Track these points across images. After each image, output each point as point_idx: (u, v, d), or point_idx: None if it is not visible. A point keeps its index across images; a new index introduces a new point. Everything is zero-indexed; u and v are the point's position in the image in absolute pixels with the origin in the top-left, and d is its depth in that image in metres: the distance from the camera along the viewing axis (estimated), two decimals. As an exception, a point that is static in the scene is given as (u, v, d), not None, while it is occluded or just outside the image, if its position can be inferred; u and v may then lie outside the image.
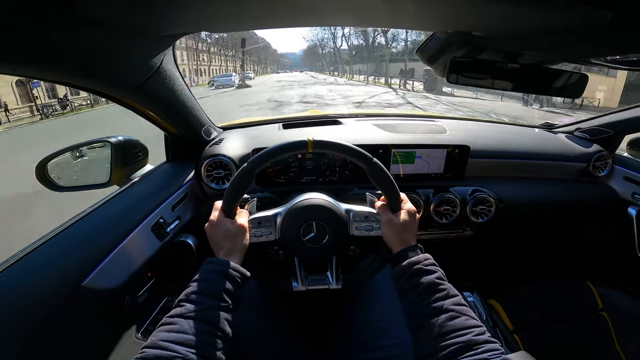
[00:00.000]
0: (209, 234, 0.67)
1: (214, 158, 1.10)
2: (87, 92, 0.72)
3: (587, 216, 1.49)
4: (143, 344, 0.49)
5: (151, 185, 1.00)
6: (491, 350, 0.50)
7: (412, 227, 0.70)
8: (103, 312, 0.71)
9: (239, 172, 0.68)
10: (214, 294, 0.56)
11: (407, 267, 0.63)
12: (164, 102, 0.89)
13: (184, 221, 1.00)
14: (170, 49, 0.79)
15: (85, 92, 0.72)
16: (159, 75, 0.79)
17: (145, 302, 0.83)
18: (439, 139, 1.26)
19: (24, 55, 0.49)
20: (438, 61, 0.89)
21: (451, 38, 0.76)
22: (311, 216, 0.74)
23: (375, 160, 0.70)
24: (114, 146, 1.00)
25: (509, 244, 1.61)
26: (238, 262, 0.63)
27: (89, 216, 0.79)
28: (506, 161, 1.31)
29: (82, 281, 0.65)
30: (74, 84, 0.66)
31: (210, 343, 0.52)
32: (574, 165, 1.38)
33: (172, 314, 0.53)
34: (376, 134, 1.29)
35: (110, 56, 0.64)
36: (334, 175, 1.20)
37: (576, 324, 1.25)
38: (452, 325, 0.54)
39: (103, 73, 0.67)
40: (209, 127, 1.19)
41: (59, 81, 0.62)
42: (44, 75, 0.59)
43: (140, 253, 0.82)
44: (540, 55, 0.75)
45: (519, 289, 1.39)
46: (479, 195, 1.23)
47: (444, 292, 0.59)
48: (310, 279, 0.77)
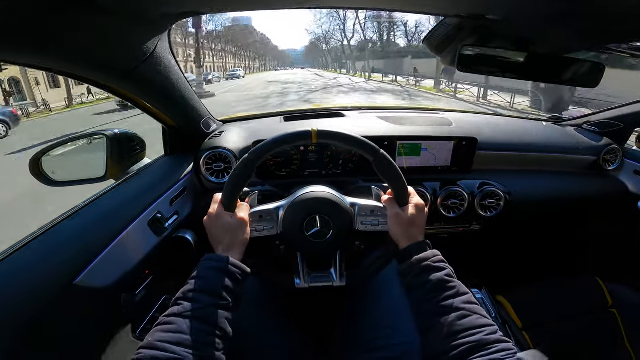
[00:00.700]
0: (207, 228, 0.65)
1: (214, 151, 1.07)
2: (76, 79, 0.68)
3: (597, 210, 1.46)
4: (140, 344, 0.47)
5: (148, 179, 0.97)
6: (504, 350, 0.48)
7: (420, 222, 0.68)
8: (98, 311, 0.69)
9: (239, 164, 0.65)
10: (212, 292, 0.54)
11: (415, 264, 0.61)
12: (160, 91, 0.86)
13: (182, 216, 0.97)
14: (166, 35, 0.75)
15: (74, 79, 0.68)
16: (153, 61, 0.75)
17: (142, 301, 0.80)
18: (446, 132, 1.23)
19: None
20: (447, 50, 0.85)
21: (461, 24, 0.73)
22: (315, 210, 0.71)
23: (382, 152, 0.67)
24: (109, 139, 0.97)
25: (517, 239, 1.58)
26: (238, 258, 0.61)
27: (81, 211, 0.76)
28: (514, 154, 1.28)
29: (75, 279, 0.62)
30: (63, 70, 0.62)
31: (209, 343, 0.50)
32: (583, 158, 1.35)
33: (169, 313, 0.51)
34: (380, 126, 1.26)
35: (102, 38, 0.60)
36: (337, 168, 1.17)
37: (585, 321, 1.23)
38: (462, 324, 0.52)
39: (94, 57, 0.63)
40: (208, 120, 1.16)
41: (46, 67, 0.59)
42: (30, 61, 0.56)
43: (137, 249, 0.79)
44: (559, 42, 0.71)
45: (528, 285, 1.37)
46: (488, 189, 1.20)
47: (454, 290, 0.57)
48: (313, 276, 0.75)
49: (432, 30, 0.82)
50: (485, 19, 0.65)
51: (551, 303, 1.29)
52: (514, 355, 0.48)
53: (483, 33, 0.72)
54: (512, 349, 0.49)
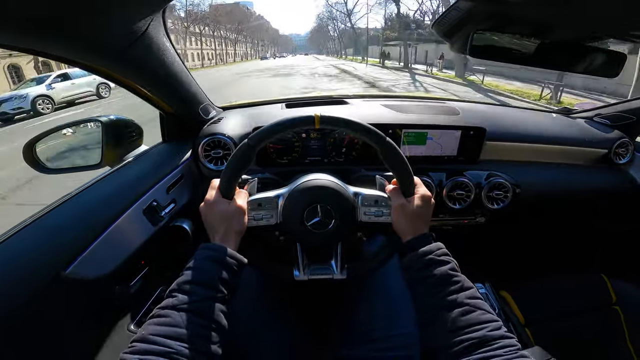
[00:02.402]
0: (203, 215, 0.62)
1: (212, 137, 1.04)
2: (63, 62, 0.64)
3: (606, 205, 1.43)
4: (134, 337, 0.46)
5: (144, 166, 0.94)
6: (507, 347, 0.47)
7: (425, 215, 0.65)
8: (91, 303, 0.67)
9: (238, 149, 0.62)
10: (208, 284, 0.52)
11: (419, 257, 0.59)
12: (154, 74, 0.82)
13: (179, 204, 0.95)
14: (159, 16, 0.71)
15: (61, 61, 0.64)
16: (145, 42, 0.71)
17: (138, 292, 0.79)
18: (452, 121, 1.19)
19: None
20: (457, 35, 0.81)
21: (475, 8, 0.68)
22: (316, 199, 0.68)
23: (388, 140, 0.64)
24: (105, 125, 0.95)
25: (522, 232, 1.55)
26: (234, 248, 0.59)
27: (73, 199, 0.73)
28: (522, 145, 1.24)
29: (66, 269, 0.60)
30: (48, 52, 0.58)
31: (205, 336, 0.48)
32: (593, 151, 1.31)
33: (164, 306, 0.50)
34: (385, 114, 1.22)
35: (90, 15, 0.55)
36: (340, 156, 1.14)
37: (588, 318, 1.22)
38: (466, 320, 0.51)
39: (82, 36, 0.59)
40: (207, 106, 1.13)
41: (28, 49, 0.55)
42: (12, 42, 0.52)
43: (132, 239, 0.77)
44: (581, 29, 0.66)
45: (532, 280, 1.35)
46: (496, 180, 1.16)
47: (458, 284, 0.55)
48: (313, 268, 0.73)
49: (442, 15, 0.77)
50: (502, 3, 0.60)
51: (555, 299, 1.28)
52: (517, 351, 0.47)
53: (498, 18, 0.67)
54: (515, 345, 0.48)
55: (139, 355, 0.42)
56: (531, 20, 0.65)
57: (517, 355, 0.46)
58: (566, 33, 0.67)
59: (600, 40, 0.69)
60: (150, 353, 0.43)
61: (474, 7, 0.67)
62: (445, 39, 0.84)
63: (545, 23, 0.64)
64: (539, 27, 0.66)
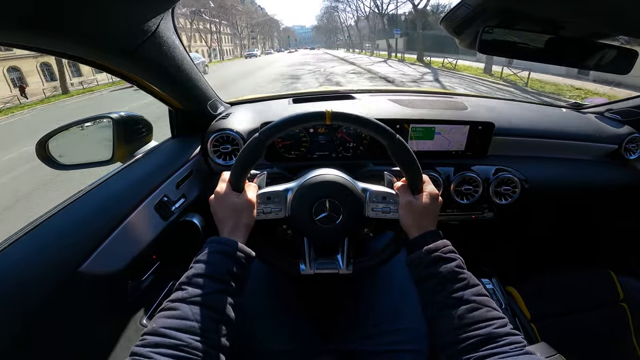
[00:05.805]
0: (213, 208, 0.63)
1: (221, 132, 1.05)
2: (75, 60, 0.64)
3: (615, 201, 1.41)
4: (144, 329, 0.47)
5: (154, 162, 0.96)
6: (513, 344, 0.48)
7: (432, 212, 0.66)
8: (105, 298, 0.69)
9: (249, 142, 0.63)
10: (218, 277, 0.53)
11: (425, 254, 0.59)
12: (164, 72, 0.83)
13: (189, 199, 0.96)
14: (169, 14, 0.72)
15: (72, 60, 0.65)
16: (156, 40, 0.72)
17: (150, 287, 0.81)
18: (461, 115, 1.18)
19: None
20: (466, 32, 0.80)
21: (485, 5, 0.68)
22: (325, 193, 0.69)
23: (398, 137, 0.64)
24: (115, 122, 0.96)
25: (530, 228, 1.54)
26: (243, 241, 0.60)
27: (86, 195, 0.75)
28: (532, 140, 1.23)
29: (81, 266, 0.62)
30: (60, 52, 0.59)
31: (214, 329, 0.49)
32: (603, 146, 1.29)
33: (174, 299, 0.51)
34: (392, 109, 1.21)
35: (102, 12, 0.56)
36: (347, 151, 1.14)
37: (595, 314, 1.21)
38: (472, 317, 0.51)
39: (94, 35, 0.60)
40: (216, 101, 1.13)
41: (44, 49, 0.56)
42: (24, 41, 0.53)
43: (144, 234, 0.79)
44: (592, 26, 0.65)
45: (539, 276, 1.35)
46: (504, 175, 1.16)
47: (464, 281, 0.56)
48: (320, 262, 0.73)
49: (451, 11, 0.77)
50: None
51: (561, 295, 1.27)
52: (523, 348, 0.47)
53: (508, 15, 0.67)
54: (521, 342, 0.48)
55: (150, 348, 0.44)
56: (541, 17, 0.64)
57: (522, 352, 0.46)
58: (577, 29, 0.66)
59: (611, 37, 0.68)
60: (160, 346, 0.44)
61: (483, 3, 0.66)
62: (453, 35, 0.84)
63: (555, 19, 0.64)
64: (549, 23, 0.65)
